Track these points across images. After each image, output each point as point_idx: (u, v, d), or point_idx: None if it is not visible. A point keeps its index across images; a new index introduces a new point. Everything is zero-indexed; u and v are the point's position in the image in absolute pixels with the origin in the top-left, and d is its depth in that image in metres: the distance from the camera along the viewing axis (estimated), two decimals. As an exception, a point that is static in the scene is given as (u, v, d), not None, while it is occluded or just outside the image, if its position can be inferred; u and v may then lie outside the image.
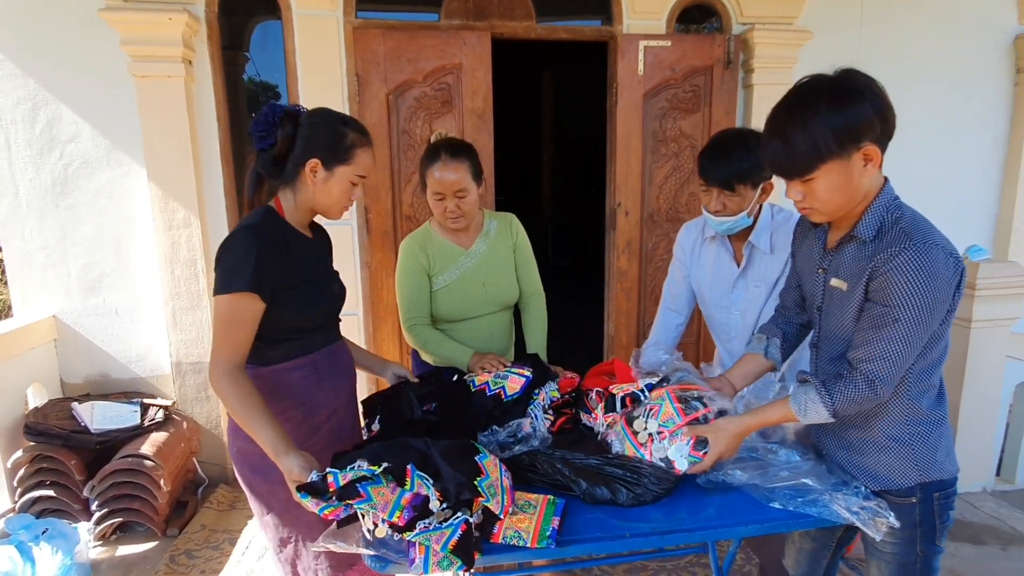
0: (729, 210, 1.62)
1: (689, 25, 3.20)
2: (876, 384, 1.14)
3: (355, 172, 1.35)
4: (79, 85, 2.63)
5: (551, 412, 1.57)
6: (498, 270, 1.87)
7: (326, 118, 1.36)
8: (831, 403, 1.18)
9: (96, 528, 2.39)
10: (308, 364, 1.39)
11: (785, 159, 1.14)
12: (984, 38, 3.40)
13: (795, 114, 1.11)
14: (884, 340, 1.12)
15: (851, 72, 1.12)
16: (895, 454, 1.22)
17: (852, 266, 1.19)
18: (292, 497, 1.19)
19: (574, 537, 1.16)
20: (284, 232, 1.34)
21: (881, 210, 1.15)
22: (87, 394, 2.80)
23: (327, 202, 1.36)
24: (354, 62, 2.77)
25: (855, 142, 1.08)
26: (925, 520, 1.23)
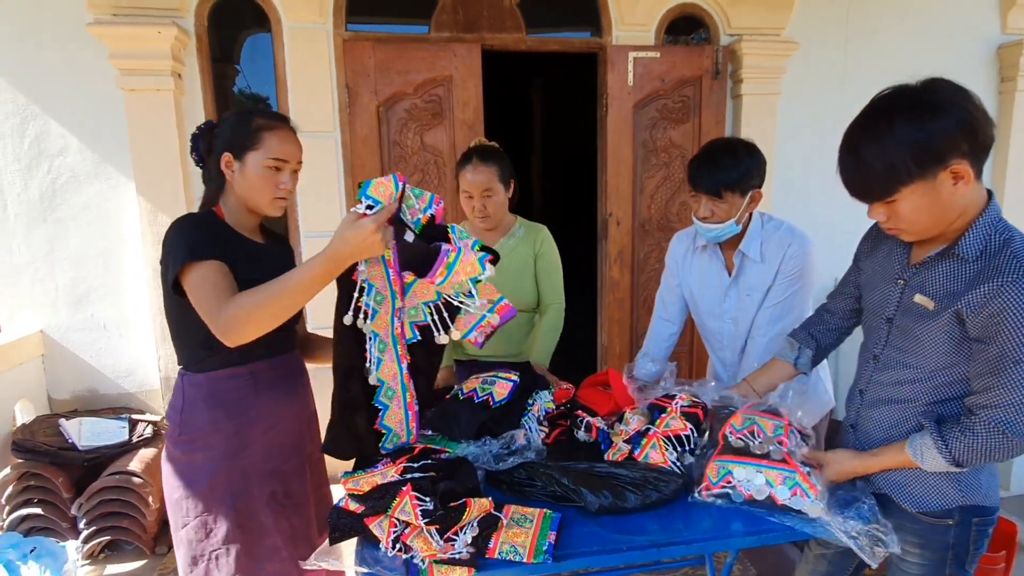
0: (717, 217, 1.63)
1: (678, 36, 3.24)
2: (1004, 432, 1.03)
3: (267, 156, 1.31)
4: (68, 99, 2.62)
5: (546, 424, 1.56)
6: (515, 272, 1.96)
7: (234, 112, 1.37)
8: (948, 452, 1.09)
9: (84, 546, 2.35)
10: (246, 374, 1.33)
11: (860, 180, 1.06)
12: (969, 47, 3.47)
13: (869, 131, 1.03)
14: (1005, 387, 1.02)
15: (935, 83, 1.01)
16: (938, 474, 1.15)
17: (944, 285, 1.09)
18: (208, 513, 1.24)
19: (571, 551, 1.14)
20: (223, 232, 1.32)
21: (987, 228, 1.05)
22: (75, 410, 2.76)
23: (249, 194, 1.33)
24: (344, 74, 2.78)
25: (938, 161, 0.98)
26: (959, 544, 1.17)
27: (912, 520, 1.20)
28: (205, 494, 1.28)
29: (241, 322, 1.15)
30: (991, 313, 1.00)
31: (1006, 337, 1.00)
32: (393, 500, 1.13)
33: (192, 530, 1.30)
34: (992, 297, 1.00)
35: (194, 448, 1.30)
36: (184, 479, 1.29)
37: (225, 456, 1.29)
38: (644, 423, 1.50)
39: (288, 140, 1.35)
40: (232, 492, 1.29)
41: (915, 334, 1.14)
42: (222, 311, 1.16)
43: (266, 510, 1.33)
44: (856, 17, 3.29)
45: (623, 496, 1.26)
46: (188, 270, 1.20)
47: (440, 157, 2.93)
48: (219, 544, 1.29)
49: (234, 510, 1.29)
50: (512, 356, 1.98)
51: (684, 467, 1.38)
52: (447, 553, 1.08)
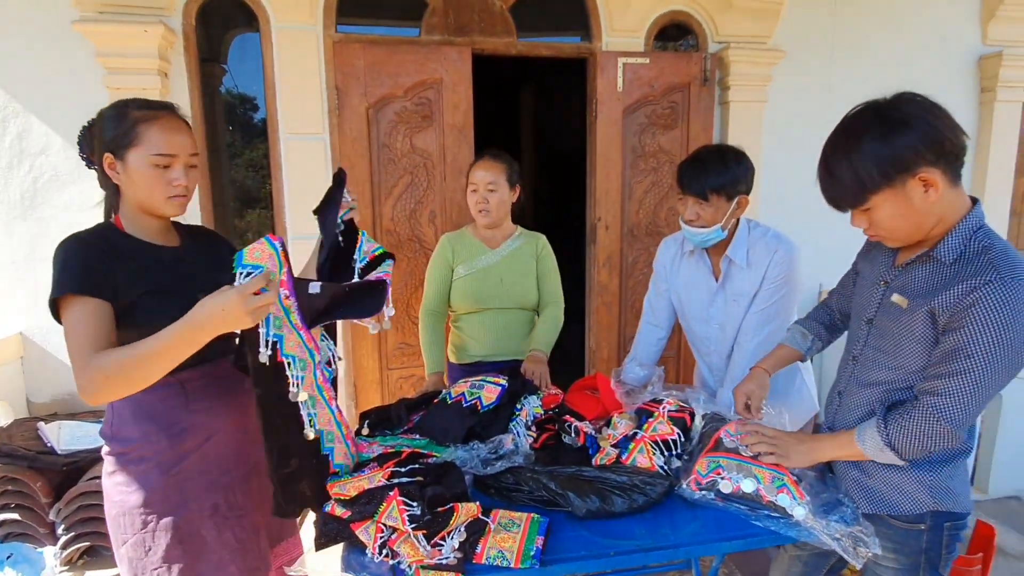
0: (703, 220, 1.65)
1: (667, 43, 3.27)
2: (939, 419, 1.08)
3: (149, 152, 1.18)
4: (51, 98, 2.58)
5: (534, 428, 1.57)
6: (516, 271, 2.04)
7: (111, 107, 1.22)
8: (885, 432, 1.14)
9: (63, 552, 2.30)
10: (175, 384, 1.23)
11: (834, 193, 1.13)
12: (951, 58, 3.53)
13: (839, 148, 1.10)
14: (952, 376, 1.06)
15: (902, 98, 1.09)
16: (910, 478, 1.18)
17: (921, 286, 1.14)
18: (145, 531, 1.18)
19: (558, 556, 1.15)
20: (115, 241, 1.22)
21: (965, 234, 1.09)
22: (54, 413, 2.71)
23: (139, 196, 1.21)
24: (334, 76, 2.77)
25: (904, 170, 1.05)
26: (932, 548, 1.20)
27: (886, 525, 1.23)
28: (141, 511, 1.21)
29: (99, 386, 1.08)
30: (960, 309, 1.05)
31: (967, 332, 1.04)
32: (380, 505, 1.12)
33: (131, 548, 1.23)
34: (964, 296, 1.04)
35: (127, 463, 1.23)
36: (120, 496, 1.23)
37: (159, 470, 1.22)
38: (632, 427, 1.51)
39: (173, 130, 1.22)
40: (170, 507, 1.22)
41: (891, 333, 1.19)
42: (84, 370, 1.07)
43: (208, 524, 1.26)
44: (841, 27, 3.35)
45: (610, 500, 1.27)
46: (64, 303, 1.12)
47: (429, 160, 2.92)
48: (159, 562, 1.22)
49: (173, 526, 1.22)
50: (514, 354, 2.02)
51: (671, 471, 1.39)
52: (434, 559, 1.08)
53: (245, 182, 3.17)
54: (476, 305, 2.02)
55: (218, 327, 1.04)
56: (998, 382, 1.06)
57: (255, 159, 3.06)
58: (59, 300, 1.12)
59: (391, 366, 3.02)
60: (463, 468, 1.35)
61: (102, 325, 1.12)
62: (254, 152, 3.06)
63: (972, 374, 1.05)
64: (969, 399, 1.07)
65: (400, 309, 2.99)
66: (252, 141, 3.08)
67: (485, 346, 2.04)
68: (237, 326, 1.05)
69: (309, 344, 1.18)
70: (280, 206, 2.84)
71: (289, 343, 1.14)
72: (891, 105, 1.08)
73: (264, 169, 2.93)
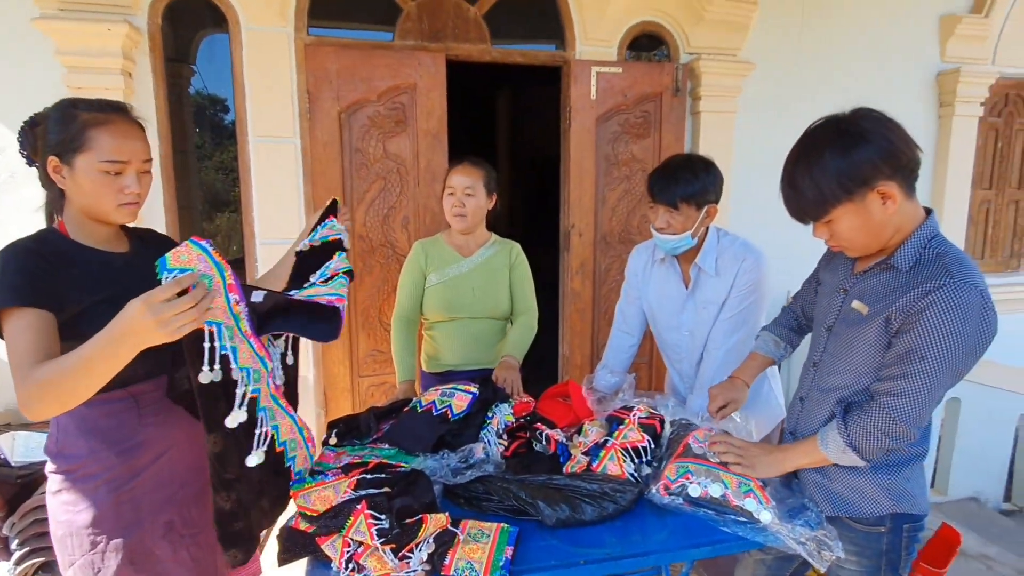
0: (673, 228, 1.67)
1: (639, 53, 3.31)
2: (894, 418, 1.12)
3: (99, 159, 1.11)
4: (8, 96, 2.48)
5: (505, 436, 1.56)
6: (489, 281, 2.03)
7: (57, 107, 1.14)
8: (847, 434, 1.17)
9: (16, 568, 2.21)
10: (125, 398, 1.17)
11: (796, 205, 1.17)
12: (912, 73, 3.66)
13: (801, 162, 1.14)
14: (907, 376, 1.10)
15: (859, 113, 1.12)
16: (870, 482, 1.22)
17: (879, 292, 1.17)
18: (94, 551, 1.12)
19: (528, 566, 1.14)
20: (61, 248, 1.14)
21: (921, 242, 1.13)
22: (8, 424, 2.60)
23: (86, 202, 1.14)
24: (305, 79, 2.73)
25: (864, 184, 1.08)
26: (892, 550, 1.24)
27: (848, 529, 1.26)
28: (90, 531, 1.14)
29: (35, 400, 1.00)
30: (914, 313, 1.08)
31: (919, 334, 1.08)
32: (347, 520, 1.10)
33: (79, 569, 1.16)
34: (918, 300, 1.08)
35: (73, 481, 1.16)
36: (66, 516, 1.16)
37: (108, 488, 1.15)
38: (603, 435, 1.51)
39: (125, 135, 1.14)
40: (121, 526, 1.16)
41: (849, 338, 1.22)
42: (23, 383, 1.00)
43: (162, 542, 1.20)
44: (808, 41, 3.43)
45: (580, 509, 1.26)
46: (3, 315, 1.05)
47: (403, 166, 2.90)
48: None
49: (124, 547, 1.16)
50: (486, 363, 2.01)
51: (641, 478, 1.39)
52: (402, 572, 1.06)
53: (214, 185, 3.11)
54: (448, 314, 2.00)
55: (131, 343, 0.92)
56: (949, 381, 1.11)
57: (225, 162, 3.01)
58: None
59: (362, 373, 2.98)
60: (433, 477, 1.33)
61: (43, 338, 1.04)
62: (224, 155, 3.01)
63: (926, 374, 1.09)
64: (923, 398, 1.10)
65: (372, 316, 2.95)
66: (222, 143, 3.02)
67: (456, 355, 2.02)
68: (150, 340, 0.92)
69: (260, 352, 1.10)
70: (249, 209, 2.79)
71: (242, 355, 1.06)
72: (849, 120, 1.12)
73: (234, 172, 2.87)
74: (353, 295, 2.91)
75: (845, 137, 1.09)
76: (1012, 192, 4.07)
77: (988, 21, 3.67)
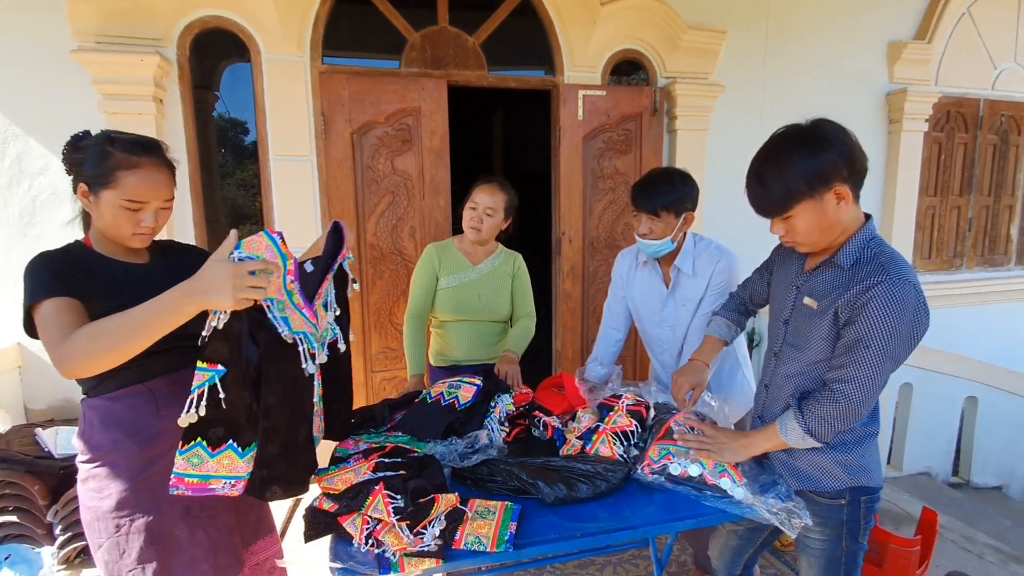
0: (655, 234, 1.69)
1: (621, 77, 3.33)
2: (843, 402, 1.13)
3: (122, 197, 1.12)
4: (49, 121, 2.47)
5: (506, 424, 1.56)
6: (493, 288, 2.02)
7: (95, 139, 1.16)
8: (804, 422, 1.18)
9: (60, 552, 2.19)
10: (144, 392, 1.18)
11: (763, 200, 1.17)
12: (864, 92, 3.70)
13: (770, 162, 1.15)
14: (854, 364, 1.12)
15: (821, 122, 1.15)
16: (829, 459, 1.23)
17: (825, 288, 1.19)
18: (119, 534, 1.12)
19: (530, 540, 1.14)
20: (86, 259, 1.16)
21: (861, 242, 1.16)
22: (51, 420, 2.59)
23: (106, 228, 1.16)
24: (320, 103, 2.73)
25: (824, 184, 1.10)
26: (851, 520, 1.25)
27: (812, 502, 1.27)
28: (114, 515, 1.15)
29: (81, 352, 0.99)
30: (857, 306, 1.11)
31: (863, 324, 1.10)
32: (366, 499, 1.10)
33: (106, 551, 1.16)
34: (860, 295, 1.11)
35: (98, 470, 1.17)
36: (93, 502, 1.17)
37: (131, 476, 1.16)
38: (594, 421, 1.52)
39: (150, 179, 1.14)
40: (142, 510, 1.16)
41: (805, 330, 1.24)
42: (63, 343, 1.00)
43: (180, 524, 1.20)
44: (772, 65, 3.47)
45: (576, 487, 1.27)
46: (35, 310, 1.05)
47: (409, 181, 2.90)
48: (133, 564, 1.16)
49: (146, 528, 1.16)
50: (487, 359, 2.02)
51: (630, 459, 1.40)
52: (417, 546, 1.06)
53: (236, 200, 3.11)
54: (455, 315, 2.01)
55: (201, 300, 0.95)
56: (891, 366, 1.13)
57: (246, 179, 3.00)
58: (32, 308, 1.06)
59: (375, 369, 2.97)
60: (442, 461, 1.34)
61: (71, 314, 1.04)
62: (245, 172, 3.00)
63: (870, 361, 1.11)
64: (869, 381, 1.12)
65: (383, 317, 2.95)
66: (243, 162, 3.01)
67: (461, 351, 2.03)
68: (217, 302, 0.94)
69: (312, 320, 1.15)
70: (270, 223, 2.78)
71: (295, 322, 1.11)
72: (814, 127, 1.14)
73: (254, 188, 2.87)
74: (365, 298, 2.91)
75: (811, 142, 1.11)
76: (954, 199, 4.12)
77: (931, 46, 3.71)
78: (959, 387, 3.29)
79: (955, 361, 3.28)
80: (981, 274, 4.23)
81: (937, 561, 2.38)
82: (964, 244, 4.19)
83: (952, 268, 4.16)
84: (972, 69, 3.92)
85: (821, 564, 1.28)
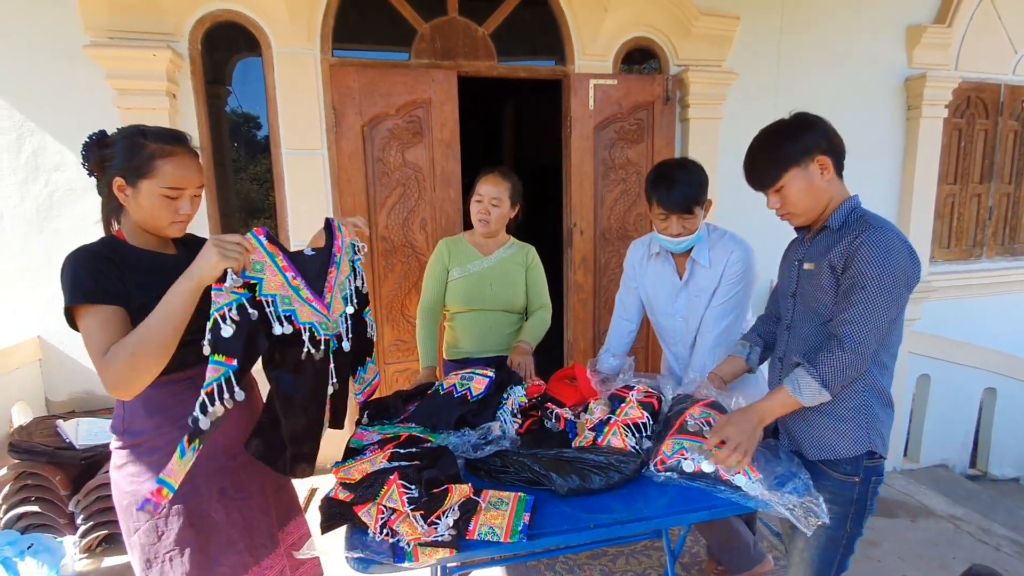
0: (688, 231, 1.67)
1: (632, 66, 3.29)
2: (850, 346, 1.19)
3: (161, 185, 1.15)
4: (64, 116, 2.50)
5: (519, 415, 1.56)
6: (505, 278, 2.02)
7: (126, 133, 1.18)
8: (817, 374, 1.22)
9: (81, 541, 2.24)
10: (184, 379, 1.22)
11: (754, 172, 1.34)
12: (881, 79, 3.61)
13: (760, 144, 1.34)
14: (852, 306, 1.20)
15: (802, 113, 1.33)
16: (852, 423, 1.27)
17: (819, 250, 1.31)
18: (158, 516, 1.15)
19: (543, 530, 1.14)
20: (124, 252, 1.18)
21: (847, 209, 1.29)
22: (72, 411, 2.64)
23: (145, 219, 1.19)
24: (331, 96, 2.73)
25: (808, 154, 1.27)
26: (860, 499, 1.28)
27: (826, 477, 1.30)
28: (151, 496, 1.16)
29: (122, 380, 1.06)
30: (848, 254, 1.22)
31: (856, 270, 1.20)
32: (381, 488, 1.11)
33: (144, 534, 1.19)
34: (849, 244, 1.22)
35: (139, 454, 1.20)
36: (132, 486, 1.19)
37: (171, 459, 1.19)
38: (606, 412, 1.51)
39: (185, 166, 1.19)
40: (181, 493, 1.16)
41: (809, 292, 1.33)
42: (109, 363, 1.05)
43: (217, 506, 1.23)
44: (786, 52, 3.40)
45: (589, 478, 1.27)
46: (78, 313, 1.09)
47: (420, 173, 2.90)
48: (172, 545, 1.19)
49: (185, 510, 1.19)
50: (499, 351, 2.02)
51: (642, 451, 1.40)
52: (431, 536, 1.07)
53: (249, 194, 3.12)
54: (466, 305, 2.01)
55: (196, 273, 1.07)
56: (890, 307, 1.20)
57: (258, 173, 3.01)
58: (73, 309, 1.10)
59: (387, 361, 2.99)
60: (455, 453, 1.34)
61: (119, 329, 1.09)
62: (257, 166, 3.01)
63: (867, 301, 1.19)
64: (870, 321, 1.19)
65: (395, 309, 2.96)
66: (255, 156, 3.03)
67: (472, 343, 2.03)
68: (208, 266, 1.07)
69: (323, 311, 1.24)
70: (283, 216, 2.80)
71: (303, 314, 1.20)
72: (794, 117, 1.33)
73: (267, 182, 2.88)
74: (377, 290, 2.92)
75: (795, 124, 1.31)
76: (974, 187, 4.03)
77: (951, 30, 3.62)
78: (978, 378, 3.24)
79: (974, 352, 3.23)
80: (1001, 263, 4.14)
81: (954, 553, 2.36)
82: (984, 233, 4.11)
83: (972, 257, 4.08)
84: (993, 54, 3.82)
85: (821, 543, 1.30)
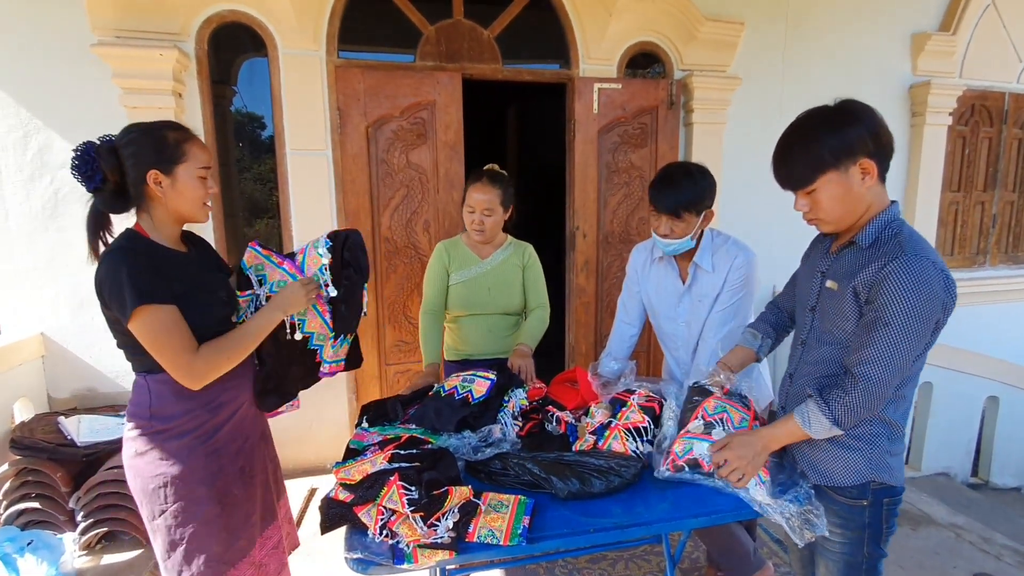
0: (676, 234, 1.66)
1: (636, 70, 3.29)
2: (866, 387, 1.09)
3: (196, 165, 1.24)
4: (71, 114, 2.52)
5: (520, 418, 1.56)
6: (503, 281, 2.01)
7: (141, 131, 1.22)
8: (829, 412, 1.14)
9: (81, 538, 2.24)
10: None
11: (787, 171, 1.16)
12: (886, 85, 3.62)
13: (796, 135, 1.15)
14: (873, 344, 1.08)
15: (848, 101, 1.14)
16: (851, 452, 1.18)
17: (845, 269, 1.17)
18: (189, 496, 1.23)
19: (543, 534, 1.14)
20: (151, 250, 1.23)
21: (881, 224, 1.14)
22: (74, 408, 2.64)
23: (184, 206, 1.25)
24: (336, 97, 2.74)
25: (850, 155, 1.09)
26: (873, 523, 1.20)
27: (833, 501, 1.22)
28: (184, 479, 1.23)
29: (208, 375, 1.22)
30: (875, 284, 1.08)
31: (881, 303, 1.07)
32: (381, 489, 1.11)
33: (171, 516, 1.24)
34: (877, 272, 1.08)
35: (167, 439, 1.24)
36: (159, 470, 1.22)
37: (199, 442, 1.26)
38: (608, 416, 1.51)
39: (204, 147, 1.29)
40: (211, 473, 1.26)
41: (830, 314, 1.21)
42: (192, 368, 1.18)
43: (238, 483, 1.32)
44: (790, 58, 3.40)
45: (589, 482, 1.26)
46: (142, 312, 1.13)
47: (424, 175, 2.91)
48: (199, 524, 1.25)
49: (214, 488, 1.26)
50: (498, 353, 2.01)
51: (643, 455, 1.39)
52: (430, 538, 1.07)
53: (253, 194, 3.13)
54: (465, 309, 2.01)
55: (289, 309, 1.34)
56: (914, 346, 1.08)
57: (263, 173, 3.02)
58: (136, 311, 1.13)
59: (389, 361, 2.99)
60: (456, 455, 1.34)
61: (182, 326, 1.18)
62: (262, 166, 3.02)
63: (890, 339, 1.07)
64: (890, 361, 1.08)
65: (398, 310, 2.96)
66: (260, 156, 3.03)
67: (472, 345, 2.03)
68: (300, 306, 1.36)
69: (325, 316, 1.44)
70: (287, 216, 2.81)
71: (311, 325, 1.41)
72: (839, 105, 1.14)
73: (271, 182, 2.89)
74: (380, 291, 2.92)
75: (838, 115, 1.11)
76: (978, 194, 4.02)
77: (955, 38, 3.62)
78: (980, 386, 3.23)
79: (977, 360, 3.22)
80: (1005, 271, 4.13)
81: (955, 562, 2.34)
82: (987, 241, 4.10)
83: (975, 265, 4.07)
84: (997, 62, 3.82)
85: (840, 569, 1.23)
